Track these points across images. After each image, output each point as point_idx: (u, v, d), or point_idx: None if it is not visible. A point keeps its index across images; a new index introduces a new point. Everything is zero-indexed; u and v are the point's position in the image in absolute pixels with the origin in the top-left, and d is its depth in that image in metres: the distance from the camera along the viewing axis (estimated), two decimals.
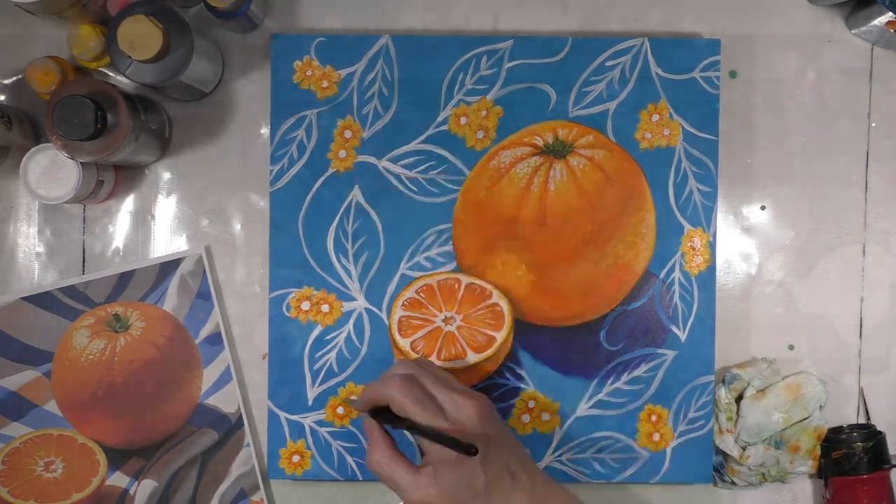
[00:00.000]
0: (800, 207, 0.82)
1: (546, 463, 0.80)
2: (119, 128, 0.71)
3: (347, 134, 0.79)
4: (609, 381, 0.80)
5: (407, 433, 0.70)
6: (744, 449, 0.79)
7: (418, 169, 0.80)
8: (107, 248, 0.81)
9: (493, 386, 0.80)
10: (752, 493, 0.82)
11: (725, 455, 0.80)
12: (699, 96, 0.79)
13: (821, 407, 0.80)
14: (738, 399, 0.80)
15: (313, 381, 0.80)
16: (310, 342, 0.79)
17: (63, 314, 0.80)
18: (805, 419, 0.79)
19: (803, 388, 0.80)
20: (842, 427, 0.81)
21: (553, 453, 0.80)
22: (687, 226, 0.80)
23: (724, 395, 0.80)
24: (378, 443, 0.67)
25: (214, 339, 0.80)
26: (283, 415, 0.79)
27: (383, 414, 0.67)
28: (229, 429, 0.80)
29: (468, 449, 0.63)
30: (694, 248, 0.80)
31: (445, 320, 0.80)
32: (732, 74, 0.82)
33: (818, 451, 0.80)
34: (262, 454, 0.81)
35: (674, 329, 0.80)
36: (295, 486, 0.81)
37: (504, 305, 0.79)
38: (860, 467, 0.78)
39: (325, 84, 0.79)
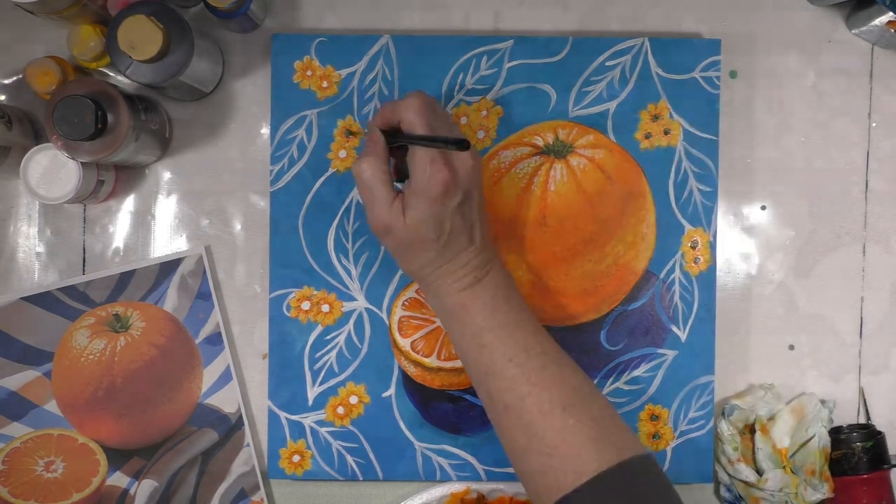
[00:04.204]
0: (800, 207, 0.82)
1: None
2: (119, 128, 0.71)
3: (348, 134, 0.79)
4: (609, 381, 0.80)
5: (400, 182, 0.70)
6: (760, 474, 0.78)
7: None
8: (107, 248, 0.81)
9: None
10: None
11: (745, 485, 0.78)
12: (699, 96, 0.79)
13: (825, 427, 0.79)
14: (752, 432, 0.79)
15: (313, 381, 0.79)
16: (310, 342, 0.79)
17: (63, 314, 0.80)
18: (810, 440, 0.78)
19: (805, 409, 0.79)
20: (841, 427, 0.80)
21: None
22: (687, 226, 0.80)
23: (727, 428, 0.78)
24: (376, 152, 0.68)
25: (214, 339, 0.80)
26: (283, 415, 0.79)
27: (391, 134, 0.69)
28: (229, 429, 0.80)
29: (462, 143, 0.63)
30: (694, 248, 0.80)
31: None
32: (732, 74, 0.82)
33: (828, 473, 0.78)
34: (262, 454, 0.81)
35: (674, 329, 0.80)
36: (295, 486, 0.81)
37: None
38: (860, 467, 0.78)
39: (325, 84, 0.79)
